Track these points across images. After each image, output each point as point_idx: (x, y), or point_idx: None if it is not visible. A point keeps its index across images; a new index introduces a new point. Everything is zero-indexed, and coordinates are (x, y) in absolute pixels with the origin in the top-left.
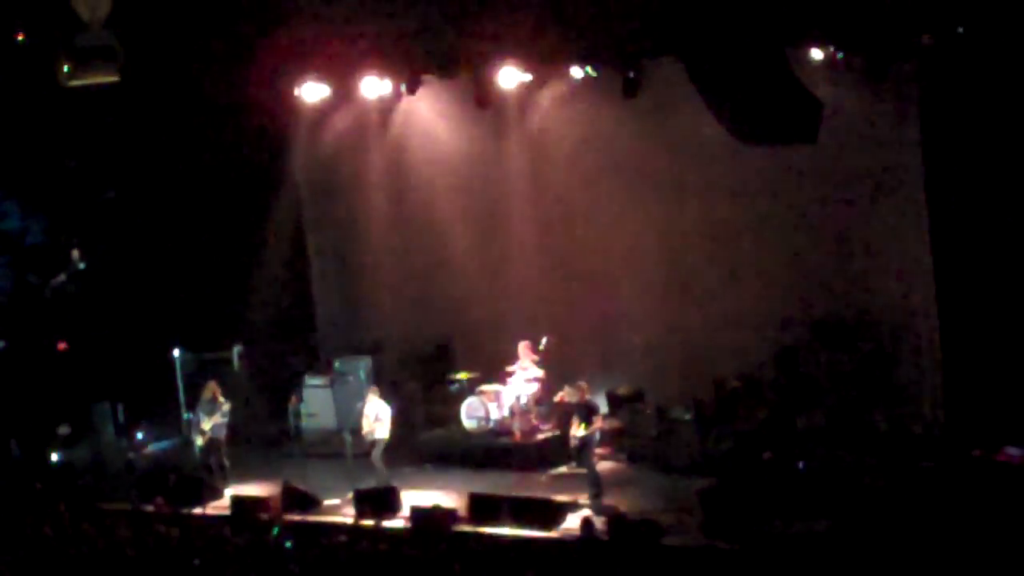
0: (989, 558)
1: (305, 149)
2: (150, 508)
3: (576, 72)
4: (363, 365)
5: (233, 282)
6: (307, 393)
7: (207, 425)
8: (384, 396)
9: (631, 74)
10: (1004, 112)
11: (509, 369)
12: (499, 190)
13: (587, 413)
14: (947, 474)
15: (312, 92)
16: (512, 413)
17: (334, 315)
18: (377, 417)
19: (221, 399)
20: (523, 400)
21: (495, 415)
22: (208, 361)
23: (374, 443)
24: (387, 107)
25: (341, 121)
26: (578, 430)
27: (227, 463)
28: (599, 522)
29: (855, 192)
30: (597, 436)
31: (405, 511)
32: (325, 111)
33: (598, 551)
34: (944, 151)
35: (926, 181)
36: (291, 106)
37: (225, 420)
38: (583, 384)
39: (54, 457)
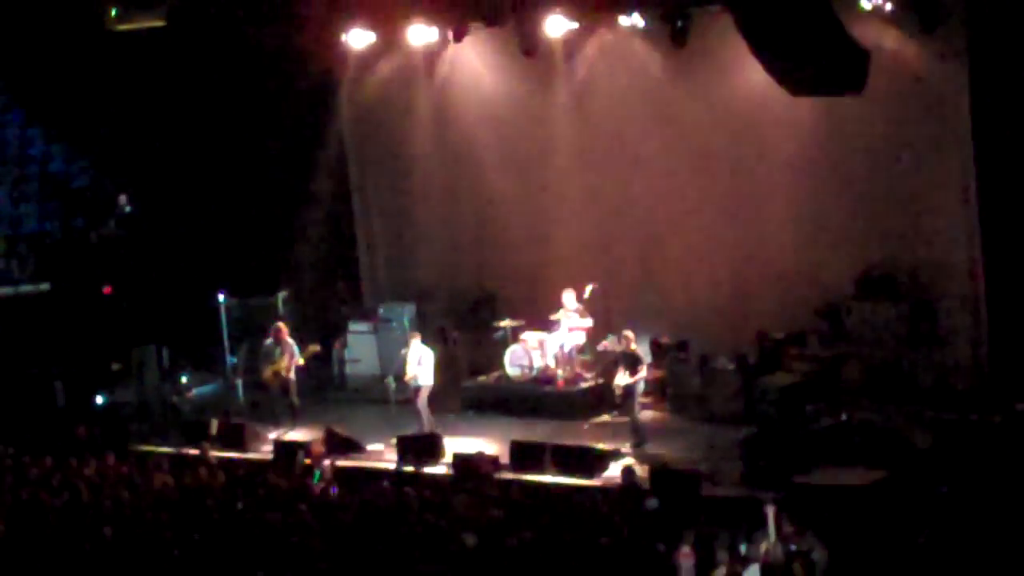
0: None
1: (351, 96)
2: (193, 452)
3: (624, 20)
4: (408, 312)
5: (279, 228)
6: (351, 339)
7: (282, 366)
8: (427, 342)
9: (679, 23)
10: None
11: (553, 317)
12: (545, 139)
13: (631, 362)
14: (991, 428)
15: (359, 39)
16: (556, 361)
17: (379, 262)
18: (420, 363)
19: (289, 339)
20: (567, 348)
21: (539, 363)
22: (253, 306)
23: (418, 389)
24: (433, 55)
25: (387, 68)
26: (622, 379)
27: (296, 402)
28: (640, 471)
29: (901, 144)
30: (640, 385)
31: (447, 458)
32: (372, 58)
33: (639, 499)
34: (992, 101)
35: (974, 132)
36: (338, 53)
37: (300, 362)
38: (628, 333)
39: (98, 400)
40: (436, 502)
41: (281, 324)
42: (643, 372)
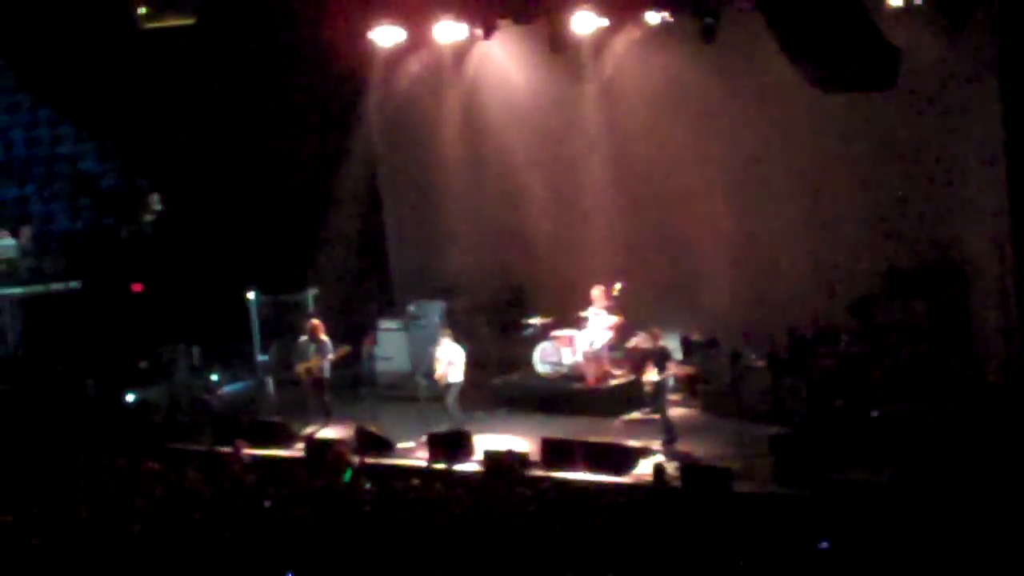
0: None
1: (379, 93)
2: (224, 449)
3: (652, 17)
4: (437, 309)
5: (308, 225)
6: (381, 336)
7: (315, 364)
8: (457, 339)
9: (708, 20)
10: None
11: (583, 314)
12: (573, 135)
13: (660, 359)
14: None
15: (386, 36)
16: (585, 358)
17: (408, 258)
18: (451, 361)
19: (324, 337)
20: (596, 345)
21: (568, 360)
22: (283, 303)
23: (448, 387)
24: (462, 51)
25: (415, 65)
26: (652, 375)
27: (329, 400)
28: (671, 468)
29: (931, 140)
30: (671, 382)
31: (478, 455)
32: (400, 55)
33: (670, 497)
34: (1022, 98)
35: (1004, 128)
36: (366, 50)
37: (330, 358)
38: (656, 330)
39: (129, 398)
40: (466, 500)
41: (317, 321)
42: (672, 369)
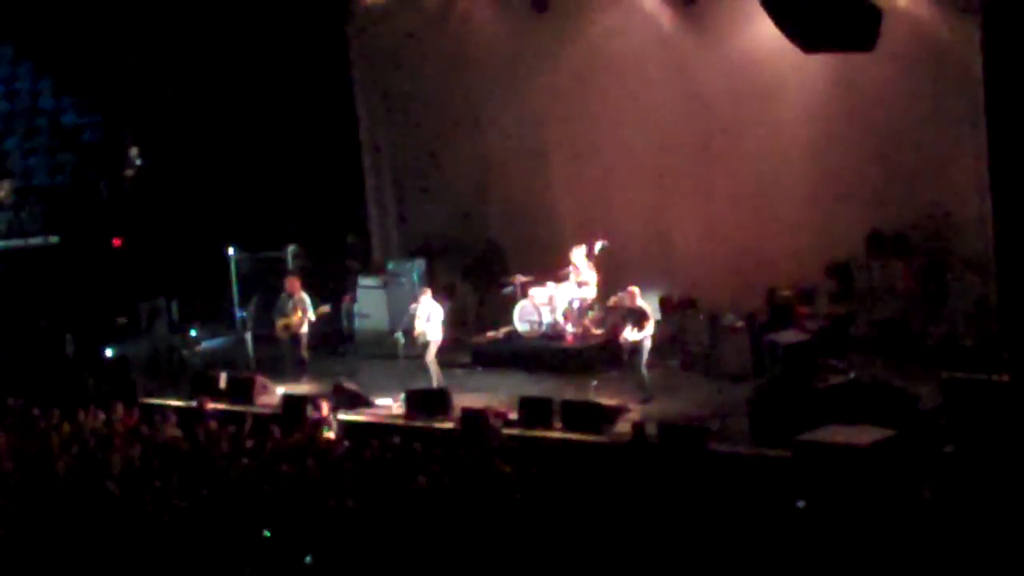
0: None
1: (362, 50)
2: (202, 404)
3: None
4: (417, 267)
5: (288, 182)
6: (360, 294)
7: (295, 320)
8: (437, 298)
9: None
10: None
11: (562, 273)
12: (555, 94)
13: (638, 318)
14: (996, 387)
15: None
16: (565, 317)
17: (388, 216)
18: (429, 318)
19: (302, 293)
20: (576, 304)
21: (548, 319)
22: (262, 260)
23: (426, 344)
24: (444, 8)
25: (398, 23)
26: (629, 334)
27: (307, 356)
28: (649, 427)
29: (912, 105)
30: (648, 341)
31: (456, 413)
32: (383, 11)
33: (647, 455)
34: (1005, 63)
35: (986, 93)
36: (349, 5)
37: (309, 314)
38: (633, 289)
39: (108, 353)
40: (444, 457)
41: (294, 278)
42: (650, 328)
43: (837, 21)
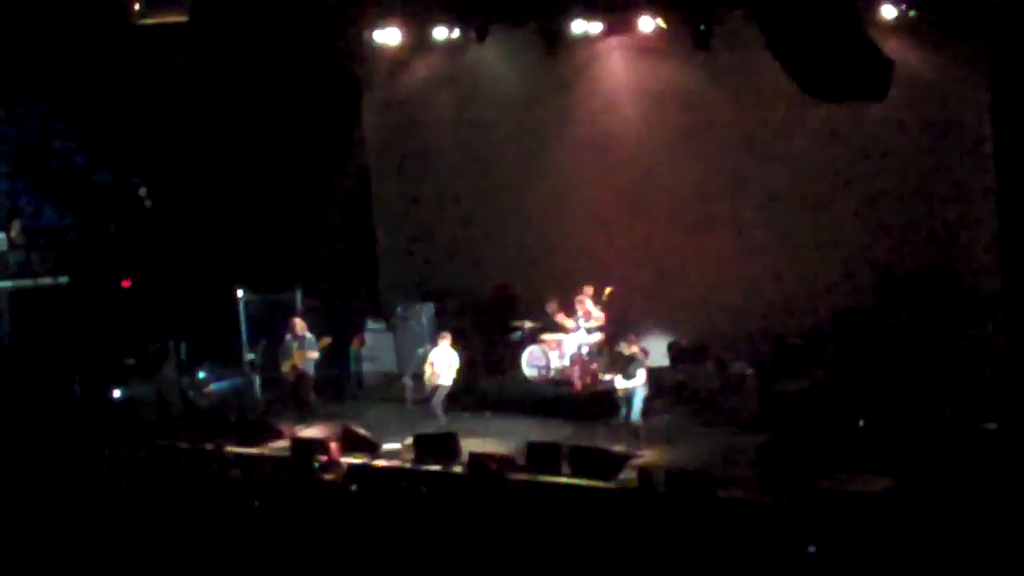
0: None
1: (376, 94)
2: (210, 447)
3: (646, 23)
4: (426, 311)
5: (298, 224)
6: (369, 337)
7: (298, 360)
8: (455, 345)
9: (702, 27)
10: None
11: (571, 319)
12: (566, 140)
13: (626, 365)
14: (1010, 435)
15: (384, 38)
16: (573, 363)
17: (398, 260)
18: (449, 364)
19: (308, 334)
20: (584, 350)
21: (556, 364)
22: (271, 302)
23: (436, 388)
24: (456, 54)
25: (411, 69)
26: (620, 382)
27: (314, 399)
28: (656, 474)
29: (922, 152)
30: (640, 390)
31: (463, 458)
32: (396, 58)
33: (654, 502)
34: (1013, 111)
35: (994, 140)
36: (364, 51)
37: (315, 355)
38: (632, 336)
39: (116, 394)
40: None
41: (297, 319)
42: (641, 376)
43: (848, 71)
